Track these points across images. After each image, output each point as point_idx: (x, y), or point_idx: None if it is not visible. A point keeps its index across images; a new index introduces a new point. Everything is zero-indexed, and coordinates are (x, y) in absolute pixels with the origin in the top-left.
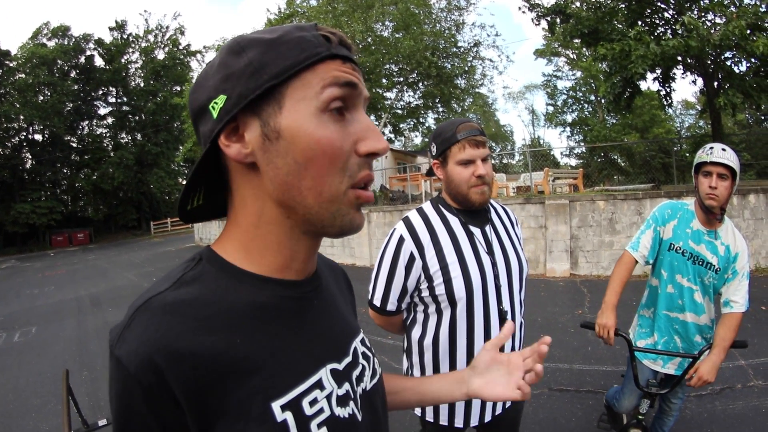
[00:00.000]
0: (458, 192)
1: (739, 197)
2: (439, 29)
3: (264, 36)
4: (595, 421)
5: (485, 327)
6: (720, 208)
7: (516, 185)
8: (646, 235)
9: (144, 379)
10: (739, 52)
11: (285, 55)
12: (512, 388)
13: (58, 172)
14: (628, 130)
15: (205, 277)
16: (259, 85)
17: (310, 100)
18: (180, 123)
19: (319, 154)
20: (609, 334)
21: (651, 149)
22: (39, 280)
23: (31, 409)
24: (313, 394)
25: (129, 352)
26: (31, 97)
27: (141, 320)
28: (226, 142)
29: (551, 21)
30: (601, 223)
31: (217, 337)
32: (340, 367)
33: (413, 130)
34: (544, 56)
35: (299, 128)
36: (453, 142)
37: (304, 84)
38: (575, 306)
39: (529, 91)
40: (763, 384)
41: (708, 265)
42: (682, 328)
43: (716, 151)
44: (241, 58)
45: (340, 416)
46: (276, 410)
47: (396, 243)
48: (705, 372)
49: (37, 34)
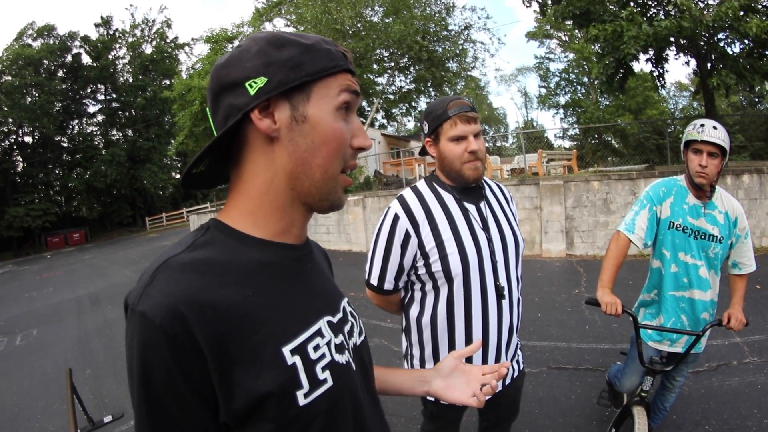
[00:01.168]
0: (452, 168)
1: (733, 177)
2: (429, 13)
3: (301, 40)
4: (594, 398)
5: (482, 303)
6: (709, 185)
7: (510, 167)
8: (642, 216)
9: (170, 328)
10: (732, 33)
11: (318, 60)
12: (468, 395)
13: (50, 174)
14: (622, 112)
15: (216, 241)
16: (297, 77)
17: (331, 99)
18: (170, 116)
19: (332, 140)
20: (617, 310)
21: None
22: (37, 282)
23: (36, 411)
24: (315, 340)
25: (154, 305)
26: (18, 99)
27: (163, 277)
28: (259, 116)
29: (542, 2)
30: (595, 204)
31: (232, 290)
32: (334, 320)
33: (406, 115)
34: (536, 39)
35: (321, 117)
36: (444, 119)
37: (327, 86)
38: (572, 286)
39: (521, 73)
40: (758, 361)
41: (710, 237)
42: (689, 306)
43: (707, 129)
44: (283, 52)
45: (339, 362)
46: (286, 354)
47: (391, 221)
48: (739, 314)
49: (22, 34)
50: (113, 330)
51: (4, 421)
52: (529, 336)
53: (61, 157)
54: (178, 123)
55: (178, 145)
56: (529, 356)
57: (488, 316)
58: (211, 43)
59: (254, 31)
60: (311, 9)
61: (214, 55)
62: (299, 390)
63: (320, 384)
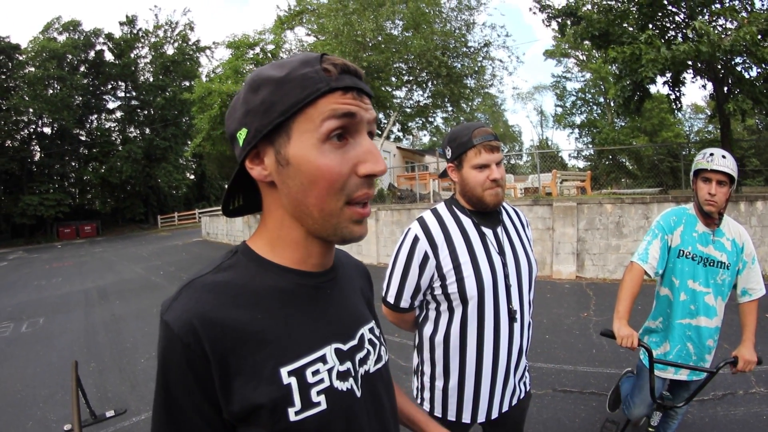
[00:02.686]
0: (473, 194)
1: (747, 204)
2: (449, 29)
3: (274, 74)
4: (598, 423)
5: (495, 325)
6: (718, 213)
7: (524, 186)
8: (654, 246)
9: (185, 337)
10: (749, 58)
11: (290, 94)
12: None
13: (66, 165)
14: (637, 133)
15: (239, 265)
16: (270, 121)
17: (312, 132)
18: (189, 118)
19: (320, 179)
20: (633, 343)
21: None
22: (46, 271)
23: (39, 399)
24: (316, 366)
25: (175, 317)
26: (40, 91)
27: (186, 294)
28: (250, 165)
29: (562, 22)
30: (608, 227)
31: (243, 311)
32: (344, 347)
33: (422, 129)
34: (553, 57)
35: (303, 157)
36: (469, 147)
37: (307, 118)
38: (581, 308)
39: (538, 91)
40: (765, 391)
41: (719, 264)
42: (695, 334)
43: (716, 158)
44: (257, 96)
45: (338, 388)
46: (283, 374)
47: (411, 242)
48: (748, 356)
49: (48, 28)
50: (120, 325)
51: (6, 406)
52: (536, 357)
53: (78, 150)
54: (196, 125)
55: (195, 146)
56: (535, 378)
57: (499, 338)
58: (232, 49)
59: (276, 39)
60: (333, 20)
61: (236, 60)
62: (291, 407)
63: (313, 406)
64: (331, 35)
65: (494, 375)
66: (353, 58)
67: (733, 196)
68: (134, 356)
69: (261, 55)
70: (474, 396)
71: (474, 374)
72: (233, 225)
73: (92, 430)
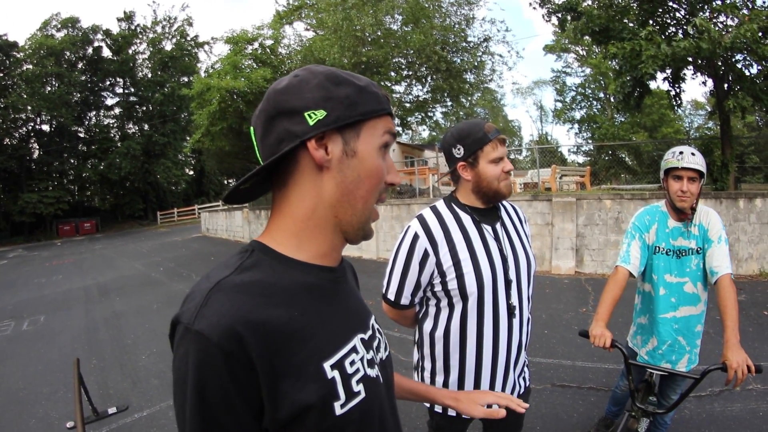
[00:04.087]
0: (490, 188)
1: (746, 201)
2: (449, 23)
3: (355, 80)
4: (596, 418)
5: (494, 321)
6: (691, 208)
7: (523, 181)
8: (634, 246)
9: (227, 345)
10: (750, 55)
11: (369, 102)
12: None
13: (65, 162)
14: (637, 129)
15: (261, 263)
16: (352, 115)
17: (376, 138)
18: (188, 114)
19: (374, 175)
20: (606, 343)
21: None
22: (46, 269)
23: (41, 397)
24: (351, 356)
25: (211, 324)
26: (38, 88)
27: (217, 298)
28: (315, 146)
29: (562, 18)
30: (607, 222)
31: (281, 310)
32: (366, 337)
33: (421, 124)
34: (553, 52)
35: (368, 154)
36: (486, 142)
37: (374, 126)
38: (579, 304)
39: (537, 86)
40: (762, 388)
41: (690, 251)
42: (683, 325)
43: (686, 156)
44: (341, 90)
45: (371, 375)
46: (327, 369)
47: (411, 240)
48: (735, 361)
49: (46, 25)
50: (121, 322)
51: (9, 404)
52: (535, 352)
53: (77, 147)
54: (195, 121)
55: (194, 142)
56: (534, 372)
57: (499, 334)
58: (231, 44)
59: (274, 34)
60: (332, 15)
61: (234, 56)
62: (337, 401)
63: (355, 395)
64: (330, 30)
65: (494, 370)
66: (352, 53)
67: (732, 194)
68: (135, 353)
69: (260, 50)
70: None
71: (474, 370)
72: (233, 220)
73: (95, 427)
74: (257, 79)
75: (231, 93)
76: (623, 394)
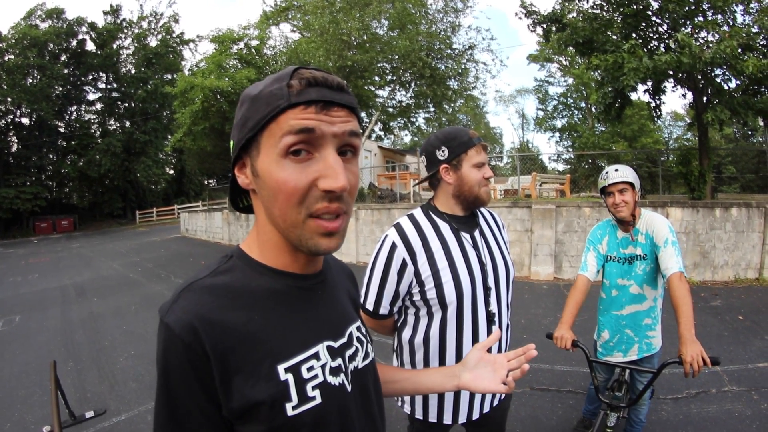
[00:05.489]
0: (471, 193)
1: (722, 210)
2: (434, 30)
3: (251, 91)
4: (575, 420)
5: (473, 328)
6: (631, 215)
7: (504, 188)
8: (590, 257)
9: (186, 337)
10: (729, 70)
11: (258, 111)
12: (497, 383)
13: (44, 157)
14: (617, 139)
15: (235, 268)
16: (243, 135)
17: (274, 147)
18: (170, 112)
19: (279, 192)
20: (566, 344)
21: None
22: (22, 267)
23: (16, 400)
24: (310, 362)
25: (175, 319)
26: (19, 80)
27: (186, 297)
28: (237, 174)
29: (547, 28)
30: (586, 229)
31: (241, 312)
32: (335, 344)
33: (403, 129)
34: (537, 61)
35: (266, 170)
36: (471, 145)
37: (270, 134)
38: (558, 309)
39: (520, 95)
40: (737, 389)
41: (636, 257)
42: (629, 320)
43: (611, 173)
44: (240, 112)
45: (331, 383)
46: (280, 371)
47: (388, 249)
48: (690, 355)
49: (31, 14)
50: (98, 323)
51: None
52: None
53: (57, 142)
54: (177, 120)
55: (175, 141)
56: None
57: (478, 341)
58: (216, 43)
59: (260, 35)
60: (319, 18)
61: (219, 55)
62: (288, 402)
63: (309, 400)
64: (317, 33)
65: None
66: (338, 57)
67: (709, 203)
68: (113, 355)
69: (245, 50)
70: (454, 397)
71: None
72: (212, 221)
73: (72, 431)
74: (241, 80)
75: (214, 92)
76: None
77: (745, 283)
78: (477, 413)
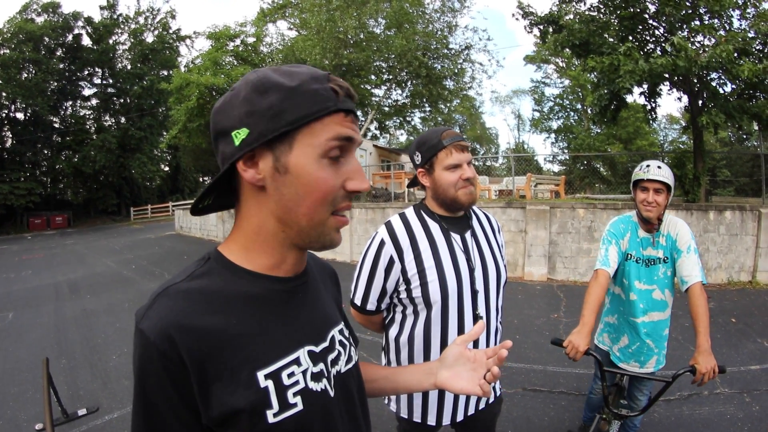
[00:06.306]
0: (446, 196)
1: (716, 213)
2: (431, 30)
3: (285, 82)
4: (567, 422)
5: (459, 329)
6: (657, 218)
7: (498, 188)
8: (612, 251)
9: (161, 345)
10: (724, 74)
11: (301, 106)
12: (474, 384)
13: (38, 153)
14: (612, 141)
15: (212, 272)
16: (277, 128)
17: (315, 147)
18: (165, 109)
19: (315, 190)
20: (576, 356)
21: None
22: (16, 264)
23: (8, 398)
24: (291, 368)
25: (150, 326)
26: (14, 74)
27: (161, 302)
28: (243, 168)
29: (544, 30)
30: (580, 231)
31: (217, 318)
32: (317, 349)
33: (399, 128)
34: (533, 63)
35: (303, 168)
36: (440, 148)
37: (312, 132)
38: (551, 310)
39: (516, 95)
40: (729, 392)
41: (657, 260)
42: (651, 329)
43: (653, 168)
44: (264, 99)
45: (313, 389)
46: (260, 378)
47: (377, 246)
48: (706, 364)
49: (26, 8)
50: (91, 321)
51: None
52: (507, 357)
53: (52, 137)
54: (173, 116)
55: (170, 138)
56: (506, 377)
57: None
58: (213, 40)
59: (257, 32)
60: (316, 16)
61: (215, 52)
62: (269, 410)
63: (290, 407)
64: (313, 31)
65: None
66: (334, 55)
67: (703, 206)
68: (106, 352)
69: (241, 47)
70: (438, 399)
71: None
72: (207, 219)
73: (64, 429)
74: (237, 77)
75: (210, 89)
76: (598, 398)
77: (738, 286)
78: (461, 415)
